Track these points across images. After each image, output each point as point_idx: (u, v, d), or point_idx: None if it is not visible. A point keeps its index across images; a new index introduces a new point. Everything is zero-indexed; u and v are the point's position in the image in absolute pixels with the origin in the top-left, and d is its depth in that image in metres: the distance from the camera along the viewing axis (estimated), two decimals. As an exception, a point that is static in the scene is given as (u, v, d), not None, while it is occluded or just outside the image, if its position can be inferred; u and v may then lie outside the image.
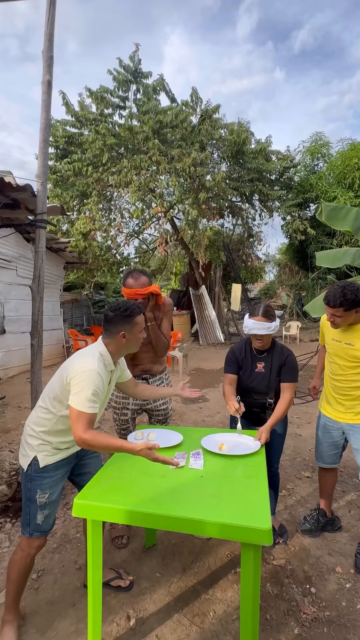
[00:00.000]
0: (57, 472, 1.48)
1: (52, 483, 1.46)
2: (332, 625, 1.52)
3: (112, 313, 1.48)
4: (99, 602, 1.36)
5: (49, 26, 2.57)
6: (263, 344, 1.93)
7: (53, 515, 1.49)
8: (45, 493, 1.44)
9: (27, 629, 1.51)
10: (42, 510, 1.43)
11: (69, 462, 1.55)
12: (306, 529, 2.07)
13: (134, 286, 1.89)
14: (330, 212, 3.87)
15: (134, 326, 1.49)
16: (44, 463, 1.44)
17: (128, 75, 9.17)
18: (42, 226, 2.54)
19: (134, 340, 1.52)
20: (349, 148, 11.11)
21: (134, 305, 1.51)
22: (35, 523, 1.43)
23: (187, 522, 1.18)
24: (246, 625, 1.21)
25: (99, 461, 1.70)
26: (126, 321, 1.47)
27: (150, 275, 1.98)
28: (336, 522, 2.14)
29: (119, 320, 1.47)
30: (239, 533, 1.14)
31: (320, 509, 2.12)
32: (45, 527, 1.46)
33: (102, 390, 1.40)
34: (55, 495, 1.48)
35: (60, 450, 1.49)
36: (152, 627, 1.51)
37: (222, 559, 1.89)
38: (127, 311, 1.48)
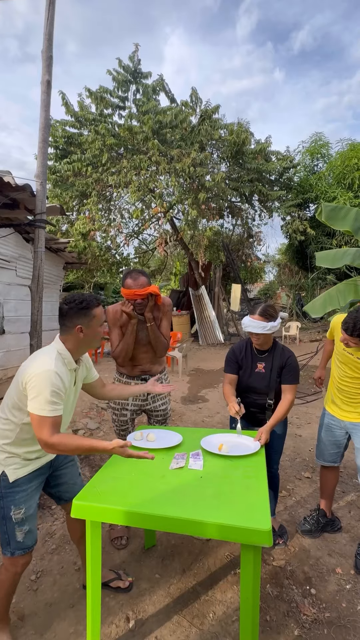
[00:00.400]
0: (30, 484, 1.39)
1: (26, 497, 1.37)
2: (332, 626, 1.51)
3: (66, 306, 1.37)
4: (98, 603, 1.36)
5: (48, 26, 2.57)
6: (261, 343, 1.92)
7: (34, 529, 1.40)
8: (20, 508, 1.34)
9: (26, 630, 1.51)
10: (21, 527, 1.35)
11: (41, 472, 1.46)
12: (306, 529, 2.07)
13: (133, 287, 1.88)
14: (330, 212, 3.87)
15: (91, 319, 1.38)
16: (14, 477, 1.34)
17: (128, 75, 9.17)
18: (42, 226, 2.53)
19: (92, 335, 1.40)
20: (348, 148, 11.11)
21: (91, 296, 1.41)
22: (16, 541, 1.35)
23: (187, 523, 1.17)
24: (246, 627, 1.21)
25: (75, 470, 1.62)
26: (82, 314, 1.36)
27: (150, 276, 1.97)
28: (336, 523, 2.13)
29: (74, 314, 1.36)
30: (239, 534, 1.13)
31: (321, 509, 2.11)
32: (28, 543, 1.38)
33: (62, 390, 1.30)
34: (32, 509, 1.40)
35: (30, 461, 1.40)
36: (151, 628, 1.50)
37: (222, 560, 1.88)
38: (83, 303, 1.37)
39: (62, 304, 1.40)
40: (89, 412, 4.39)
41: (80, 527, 1.62)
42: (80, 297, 1.39)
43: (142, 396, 2.11)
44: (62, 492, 1.58)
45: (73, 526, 1.64)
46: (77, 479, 1.62)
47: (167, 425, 2.26)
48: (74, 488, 1.58)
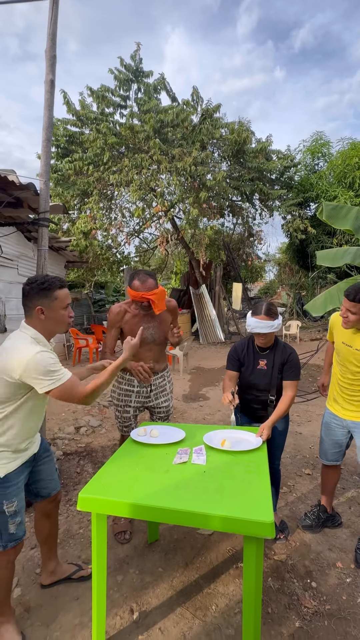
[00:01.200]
0: (20, 478, 1.43)
1: (17, 490, 1.41)
2: (333, 618, 1.54)
3: (28, 286, 1.35)
4: (104, 594, 1.38)
5: (51, 25, 2.58)
6: (266, 341, 1.94)
7: (24, 519, 1.45)
8: (12, 502, 1.37)
9: (32, 622, 1.53)
10: (14, 519, 1.38)
11: (27, 466, 1.50)
12: (307, 524, 2.10)
13: (141, 289, 1.88)
14: (331, 211, 3.89)
15: (52, 301, 1.35)
16: (5, 472, 1.36)
17: (129, 74, 9.17)
18: (45, 225, 2.56)
19: (54, 318, 1.37)
20: (349, 147, 11.11)
21: (54, 278, 1.39)
22: (9, 533, 1.38)
23: (191, 516, 1.20)
24: (248, 618, 1.23)
25: (52, 465, 1.65)
26: (43, 294, 1.34)
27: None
28: (336, 518, 2.16)
29: (35, 294, 1.34)
30: (242, 526, 1.16)
31: (321, 505, 2.14)
32: (20, 534, 1.42)
33: (55, 358, 1.35)
34: (23, 501, 1.44)
35: (20, 454, 1.43)
36: (155, 620, 1.53)
37: (224, 554, 1.91)
38: (44, 284, 1.34)
39: (24, 284, 1.37)
40: (91, 409, 4.42)
41: (48, 527, 1.67)
42: (43, 277, 1.38)
43: (145, 393, 2.14)
44: (41, 488, 1.60)
45: (42, 525, 1.66)
46: (54, 475, 1.65)
47: (169, 422, 2.28)
48: (51, 484, 1.63)
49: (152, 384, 2.16)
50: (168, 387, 2.25)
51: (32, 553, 1.95)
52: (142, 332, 1.72)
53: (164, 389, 2.21)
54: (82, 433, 3.67)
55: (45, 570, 1.71)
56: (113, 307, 2.05)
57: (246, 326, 1.92)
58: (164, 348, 2.20)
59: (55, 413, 4.27)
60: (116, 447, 3.14)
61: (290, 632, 1.48)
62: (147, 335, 2.04)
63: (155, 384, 2.17)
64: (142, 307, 1.94)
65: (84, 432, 3.69)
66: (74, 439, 3.50)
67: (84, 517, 2.26)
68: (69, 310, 1.43)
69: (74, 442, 3.44)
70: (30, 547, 1.99)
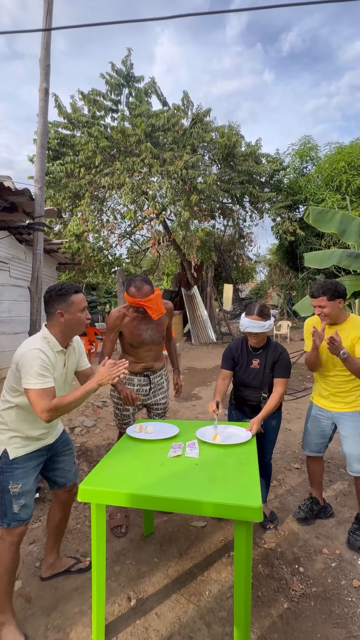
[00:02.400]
0: (29, 463, 1.53)
1: (24, 474, 1.50)
2: (319, 599, 1.64)
3: (47, 294, 1.52)
4: (103, 583, 1.46)
5: (46, 35, 2.65)
6: (258, 341, 2.04)
7: (30, 504, 1.52)
8: (17, 484, 1.47)
9: (33, 611, 1.60)
10: (17, 500, 1.47)
11: (40, 454, 1.59)
12: (301, 517, 2.18)
13: (137, 296, 1.95)
14: (317, 215, 4.03)
15: (70, 304, 1.51)
16: (14, 455, 1.48)
17: (120, 79, 9.26)
18: (41, 229, 2.62)
19: (72, 319, 1.52)
20: (336, 151, 11.39)
21: (70, 285, 1.54)
22: (12, 512, 1.46)
23: (185, 503, 1.28)
24: (239, 601, 1.32)
25: (72, 458, 1.78)
26: (61, 299, 1.50)
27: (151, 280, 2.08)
28: (328, 509, 2.26)
29: (54, 300, 1.50)
30: (232, 511, 1.25)
31: (313, 497, 2.23)
32: (23, 516, 1.48)
33: (49, 364, 1.44)
34: (29, 485, 1.52)
35: (32, 442, 1.54)
36: (151, 606, 1.61)
37: (217, 544, 2.00)
38: (61, 290, 1.51)
39: (45, 293, 1.54)
40: (85, 410, 4.47)
41: (59, 517, 1.77)
42: (60, 285, 1.53)
43: (144, 391, 2.23)
44: (57, 476, 1.73)
45: (55, 513, 1.78)
46: (72, 467, 1.78)
47: (166, 418, 2.37)
48: (68, 475, 1.76)
49: (151, 382, 2.25)
50: (165, 385, 2.36)
51: (31, 548, 2.01)
52: (134, 397, 1.98)
53: (161, 386, 2.31)
54: (77, 433, 3.72)
55: (45, 563, 1.78)
56: (113, 311, 2.13)
57: (239, 326, 2.02)
58: (161, 348, 2.29)
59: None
60: (111, 446, 3.20)
61: (279, 612, 1.58)
62: (146, 336, 2.13)
63: (154, 382, 2.26)
64: (139, 312, 2.02)
65: (79, 432, 3.74)
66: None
67: (81, 514, 2.33)
68: (86, 312, 1.58)
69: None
70: (29, 542, 2.05)
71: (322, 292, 1.89)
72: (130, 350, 2.19)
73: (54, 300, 1.50)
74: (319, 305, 1.92)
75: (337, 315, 1.93)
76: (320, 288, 1.90)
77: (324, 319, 1.94)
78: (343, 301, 1.91)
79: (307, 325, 2.11)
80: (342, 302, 1.91)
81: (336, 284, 1.90)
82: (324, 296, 1.88)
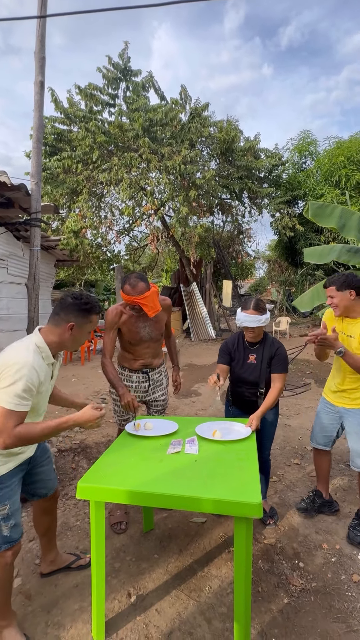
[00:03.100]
0: (12, 480, 1.40)
1: (10, 493, 1.38)
2: (319, 594, 1.65)
3: (71, 300, 1.38)
4: (102, 579, 1.45)
5: (40, 27, 2.60)
6: (254, 336, 2.03)
7: (19, 522, 1.41)
8: (4, 505, 1.35)
9: (33, 608, 1.59)
10: (7, 522, 1.35)
11: (22, 469, 1.48)
12: (302, 507, 2.19)
13: (132, 293, 1.91)
14: (317, 210, 4.00)
15: (86, 322, 1.39)
16: None
17: (117, 73, 9.15)
18: (37, 225, 2.59)
19: (78, 337, 1.40)
20: (335, 146, 11.31)
21: (96, 302, 1.44)
22: (3, 536, 1.36)
23: (185, 500, 1.27)
24: (239, 596, 1.31)
25: (51, 466, 1.67)
26: (81, 314, 1.37)
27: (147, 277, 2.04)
28: (334, 505, 2.23)
29: (74, 310, 1.37)
30: (232, 507, 1.24)
31: (317, 490, 2.24)
32: (15, 536, 1.38)
33: (35, 386, 1.29)
34: (16, 504, 1.40)
35: (13, 457, 1.41)
36: (152, 602, 1.61)
37: (217, 540, 2.00)
38: (87, 304, 1.38)
39: (67, 296, 1.40)
40: (84, 407, 4.46)
41: (47, 522, 1.72)
42: (87, 297, 1.42)
43: (143, 387, 2.22)
44: (38, 488, 1.64)
45: (41, 521, 1.71)
46: (52, 475, 1.69)
47: (165, 415, 2.36)
48: (49, 483, 1.67)
49: (150, 379, 2.23)
50: (164, 381, 2.34)
51: (31, 545, 2.00)
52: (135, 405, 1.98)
53: (160, 383, 2.30)
54: (76, 430, 3.71)
55: (45, 560, 1.78)
56: (110, 309, 2.10)
57: (236, 320, 2.01)
58: (160, 345, 2.27)
59: (49, 412, 4.30)
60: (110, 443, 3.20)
61: (279, 608, 1.58)
62: (144, 334, 2.11)
63: (153, 379, 2.25)
64: (135, 310, 2.00)
65: (78, 429, 3.73)
66: (68, 436, 3.54)
67: (80, 510, 2.32)
68: (91, 334, 1.47)
69: (69, 439, 3.48)
70: (29, 539, 2.05)
71: (332, 282, 1.92)
72: (128, 347, 2.17)
73: (74, 310, 1.37)
74: (329, 296, 1.94)
75: (349, 306, 1.91)
76: (331, 278, 1.94)
77: (334, 309, 1.96)
78: (357, 293, 1.89)
79: (325, 315, 2.14)
80: (354, 294, 1.89)
81: (348, 274, 1.92)
82: (332, 286, 1.91)
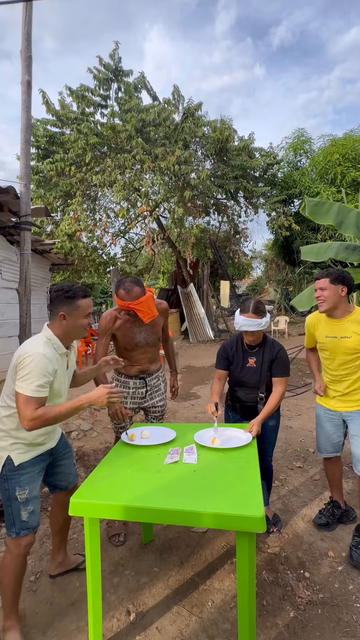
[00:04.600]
0: (34, 468, 1.49)
1: (30, 479, 1.46)
2: (326, 606, 1.58)
3: (54, 293, 1.46)
4: (99, 599, 1.38)
5: (26, 26, 2.54)
6: (254, 339, 1.96)
7: (37, 510, 1.48)
8: (24, 489, 1.44)
9: (28, 629, 1.52)
10: (25, 507, 1.43)
11: (43, 459, 1.56)
12: (322, 522, 2.05)
13: (126, 299, 1.84)
14: (313, 207, 3.95)
15: (75, 309, 1.46)
16: (19, 461, 1.44)
17: (109, 73, 9.09)
18: (27, 228, 2.52)
19: (74, 324, 1.47)
20: (330, 144, 11.31)
21: (79, 287, 1.48)
22: (21, 521, 1.43)
23: (183, 514, 1.20)
24: (243, 612, 1.25)
25: (71, 461, 1.76)
26: (67, 302, 1.44)
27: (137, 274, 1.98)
28: (351, 513, 2.13)
29: (60, 301, 1.44)
30: (234, 522, 1.17)
31: (334, 501, 2.12)
32: (32, 523, 1.46)
33: (50, 373, 1.38)
34: (35, 490, 1.48)
35: (35, 447, 1.50)
36: (152, 619, 1.54)
37: (219, 550, 1.93)
38: (69, 292, 1.44)
39: (52, 290, 1.48)
40: (82, 413, 4.38)
41: (62, 518, 1.74)
42: (69, 286, 1.47)
43: (140, 394, 2.15)
44: (59, 480, 1.71)
45: (57, 516, 1.75)
46: (72, 469, 1.77)
47: (163, 421, 2.29)
48: (69, 477, 1.75)
49: (148, 385, 2.16)
50: (162, 386, 2.27)
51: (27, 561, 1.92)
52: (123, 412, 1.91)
53: (158, 388, 2.22)
54: (74, 437, 3.64)
55: (53, 562, 1.79)
56: (104, 314, 2.03)
57: (234, 324, 1.94)
58: (157, 349, 2.20)
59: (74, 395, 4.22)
60: (108, 450, 3.12)
61: (285, 622, 1.51)
62: (140, 339, 2.04)
63: (150, 385, 2.18)
64: (130, 315, 1.93)
65: (75, 436, 3.65)
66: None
67: (78, 522, 2.25)
68: (90, 318, 1.52)
69: (66, 446, 3.40)
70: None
71: (326, 274, 1.84)
72: (124, 353, 2.10)
73: (60, 301, 1.45)
74: (320, 288, 1.84)
75: (337, 303, 1.83)
76: (325, 270, 1.87)
77: (322, 304, 1.84)
78: (347, 291, 1.82)
79: (308, 320, 2.06)
80: (345, 291, 1.82)
81: (344, 272, 1.85)
82: (326, 278, 1.83)
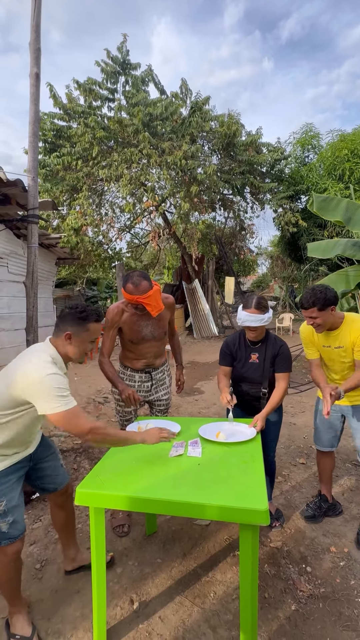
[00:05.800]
0: (9, 477, 1.40)
1: (6, 489, 1.38)
2: (327, 600, 1.59)
3: (67, 310, 1.41)
4: (103, 587, 1.40)
5: (35, 17, 2.53)
6: (257, 335, 1.96)
7: (20, 519, 1.41)
8: (1, 500, 1.36)
9: (33, 615, 1.55)
10: (4, 518, 1.36)
11: (21, 466, 1.48)
12: (309, 515, 2.11)
13: (135, 293, 1.84)
14: (321, 203, 3.91)
15: (84, 331, 1.40)
16: None
17: (116, 66, 9.02)
18: (34, 221, 2.53)
19: (78, 347, 1.41)
20: (338, 139, 11.13)
21: (93, 310, 1.43)
22: (1, 532, 1.36)
23: (187, 506, 1.22)
24: (245, 604, 1.26)
25: (57, 461, 1.67)
26: (77, 322, 1.39)
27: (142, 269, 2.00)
28: (337, 507, 2.19)
29: (70, 319, 1.39)
30: (237, 514, 1.18)
31: (322, 495, 2.17)
32: (14, 533, 1.38)
33: (65, 384, 1.32)
34: (14, 500, 1.40)
35: (10, 456, 1.42)
36: (155, 609, 1.56)
37: (221, 543, 1.95)
38: (82, 313, 1.39)
39: (65, 306, 1.45)
40: (86, 406, 4.42)
41: (63, 517, 1.72)
42: (84, 306, 1.43)
43: (145, 387, 2.16)
44: (46, 483, 1.64)
45: (57, 515, 1.72)
46: (60, 470, 1.68)
47: (167, 415, 2.31)
48: (57, 479, 1.66)
49: (153, 379, 2.18)
50: (167, 380, 2.29)
51: (32, 549, 1.96)
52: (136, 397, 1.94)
53: (163, 382, 2.24)
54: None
55: (66, 557, 1.78)
56: (111, 307, 2.04)
57: (237, 319, 1.94)
58: (163, 343, 2.21)
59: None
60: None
61: (287, 615, 1.52)
62: (147, 332, 2.05)
63: (155, 378, 2.19)
64: (137, 309, 1.94)
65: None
66: (70, 436, 3.50)
67: (82, 513, 2.28)
68: (94, 344, 1.47)
69: (70, 439, 3.44)
70: (29, 543, 2.01)
71: (312, 302, 1.75)
72: (130, 346, 2.11)
73: (70, 319, 1.39)
74: (310, 317, 1.81)
75: (331, 322, 1.83)
76: (309, 298, 1.77)
77: (317, 328, 1.84)
78: (335, 307, 1.80)
79: (302, 332, 2.04)
80: (335, 308, 1.80)
81: (325, 290, 1.77)
82: (314, 307, 1.76)
